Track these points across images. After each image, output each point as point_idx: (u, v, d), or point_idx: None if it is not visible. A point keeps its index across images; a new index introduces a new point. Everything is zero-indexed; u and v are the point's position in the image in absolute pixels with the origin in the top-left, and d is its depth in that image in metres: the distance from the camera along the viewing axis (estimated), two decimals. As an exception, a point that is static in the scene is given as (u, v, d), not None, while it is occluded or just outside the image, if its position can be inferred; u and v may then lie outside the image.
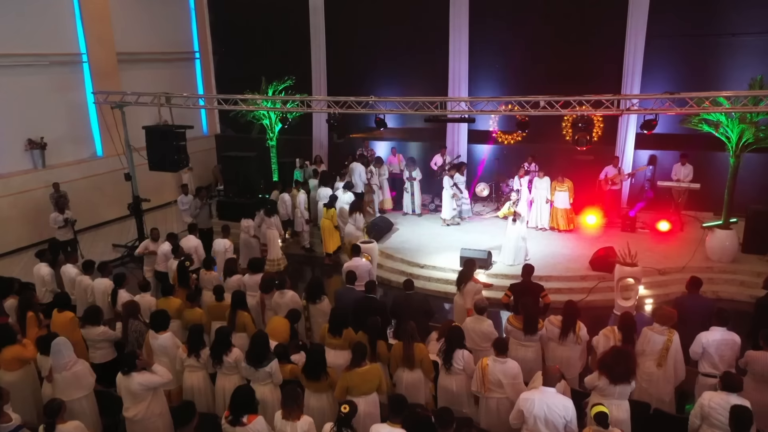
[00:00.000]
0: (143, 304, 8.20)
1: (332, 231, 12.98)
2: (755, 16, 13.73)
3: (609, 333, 6.93)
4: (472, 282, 8.51)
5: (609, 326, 7.09)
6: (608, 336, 6.92)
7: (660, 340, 6.77)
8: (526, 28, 15.60)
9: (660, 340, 6.77)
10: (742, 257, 11.58)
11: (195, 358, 6.65)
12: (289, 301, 8.13)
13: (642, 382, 6.73)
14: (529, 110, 9.57)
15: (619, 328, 6.88)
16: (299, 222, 13.89)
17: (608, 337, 6.91)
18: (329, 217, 12.91)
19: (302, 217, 13.78)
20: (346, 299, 8.02)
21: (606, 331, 6.98)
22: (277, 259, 12.80)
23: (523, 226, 11.81)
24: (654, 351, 6.78)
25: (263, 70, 15.78)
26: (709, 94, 8.85)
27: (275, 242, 12.75)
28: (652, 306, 10.64)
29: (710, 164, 14.12)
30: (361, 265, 9.48)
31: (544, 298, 8.10)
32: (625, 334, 6.80)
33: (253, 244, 12.61)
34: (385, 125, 11.28)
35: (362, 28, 17.20)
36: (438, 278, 11.61)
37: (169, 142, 12.55)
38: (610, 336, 6.90)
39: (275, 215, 12.85)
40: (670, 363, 6.75)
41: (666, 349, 6.75)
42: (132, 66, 17.40)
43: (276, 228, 12.71)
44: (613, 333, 6.89)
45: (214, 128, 20.87)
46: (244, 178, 15.31)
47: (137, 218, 13.81)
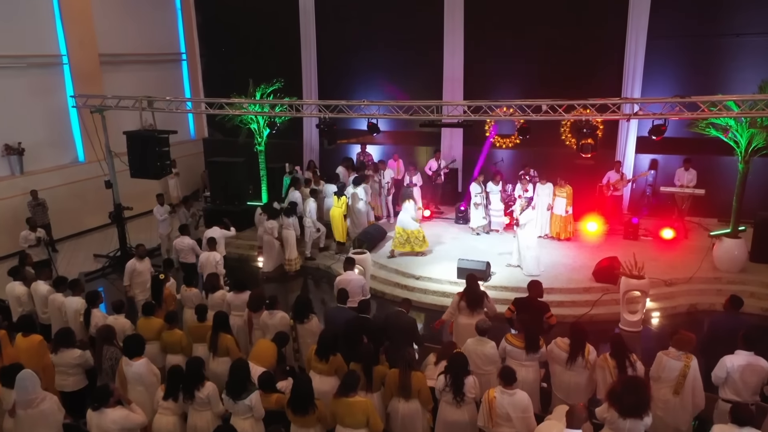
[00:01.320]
0: (117, 326, 7.59)
1: (342, 221, 12.97)
2: (760, 16, 13.29)
3: (603, 363, 6.39)
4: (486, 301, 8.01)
5: (602, 354, 6.52)
6: (603, 366, 6.38)
7: (676, 366, 6.25)
8: (522, 28, 15.08)
9: (676, 366, 6.25)
10: (751, 267, 11.10)
11: (173, 400, 6.02)
12: (278, 323, 7.57)
13: (657, 411, 6.20)
14: (530, 115, 9.04)
15: (611, 354, 6.34)
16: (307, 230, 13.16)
17: (603, 368, 6.38)
18: (339, 206, 12.88)
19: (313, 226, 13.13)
20: (336, 320, 7.45)
21: (600, 361, 6.43)
22: (294, 259, 12.69)
23: (525, 234, 11.30)
24: (670, 378, 6.26)
25: (252, 72, 15.18)
26: (723, 98, 8.36)
27: (292, 242, 12.58)
28: (658, 320, 10.16)
29: (714, 169, 13.67)
30: (354, 279, 8.92)
31: (549, 319, 7.58)
32: (618, 360, 6.27)
33: (276, 246, 12.49)
34: (378, 130, 10.75)
35: (354, 29, 16.67)
36: (434, 290, 11.06)
37: (151, 148, 11.98)
38: (604, 366, 6.36)
39: (293, 216, 12.61)
40: (687, 390, 6.23)
41: (683, 375, 6.23)
42: (116, 68, 16.80)
43: (293, 228, 12.51)
44: (606, 362, 6.35)
45: (202, 132, 20.27)
46: (232, 184, 14.69)
47: (119, 227, 13.21)
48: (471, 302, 7.91)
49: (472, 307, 7.91)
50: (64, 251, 14.44)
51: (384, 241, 13.23)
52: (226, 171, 14.81)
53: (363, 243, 12.26)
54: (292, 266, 12.69)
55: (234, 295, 8.22)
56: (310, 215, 12.88)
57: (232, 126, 14.45)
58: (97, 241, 15.03)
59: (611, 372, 6.25)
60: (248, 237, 14.31)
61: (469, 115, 10.01)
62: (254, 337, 7.92)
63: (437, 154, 15.07)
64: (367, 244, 12.20)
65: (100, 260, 13.64)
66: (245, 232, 14.49)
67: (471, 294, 7.98)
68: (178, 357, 7.40)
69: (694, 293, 10.64)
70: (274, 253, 12.56)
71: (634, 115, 8.51)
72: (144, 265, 9.99)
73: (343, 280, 8.92)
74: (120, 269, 13.04)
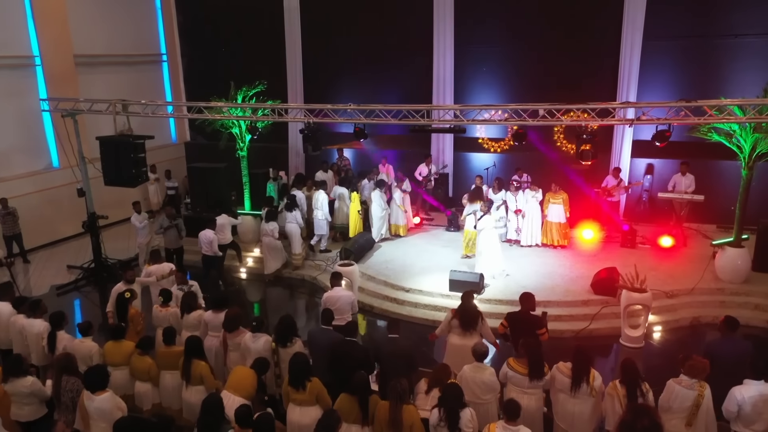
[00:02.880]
0: (83, 350, 7.00)
1: (358, 218, 13.06)
2: (758, 16, 12.89)
3: (612, 390, 5.86)
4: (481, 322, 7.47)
5: (612, 381, 5.99)
6: (612, 395, 5.86)
7: (689, 396, 5.74)
8: (513, 29, 14.65)
9: (689, 396, 5.74)
10: (754, 277, 10.65)
11: None
12: (262, 348, 6.95)
13: (669, 444, 5.72)
14: (527, 120, 8.52)
15: (622, 381, 5.82)
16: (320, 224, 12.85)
17: (612, 395, 5.86)
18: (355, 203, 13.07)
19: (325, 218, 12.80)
20: (320, 343, 6.88)
21: (609, 389, 5.90)
22: (299, 254, 12.59)
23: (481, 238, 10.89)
24: (682, 408, 5.75)
25: (236, 73, 14.57)
26: (732, 102, 7.90)
27: (297, 237, 12.45)
28: (660, 334, 9.69)
29: (711, 173, 13.29)
30: (342, 296, 8.33)
31: (541, 336, 7.08)
32: (629, 388, 5.74)
33: (278, 247, 12.25)
34: (365, 136, 10.20)
35: (341, 30, 16.11)
36: (426, 304, 10.51)
37: (126, 155, 11.34)
38: (614, 394, 5.84)
39: (295, 209, 12.42)
40: (701, 422, 5.73)
41: (696, 405, 5.73)
42: (92, 69, 16.11)
43: (296, 222, 12.34)
44: (616, 390, 5.83)
45: (184, 135, 19.59)
46: (213, 191, 14.06)
47: (93, 237, 12.56)
48: (464, 322, 7.39)
49: (465, 327, 7.39)
50: (36, 262, 13.75)
51: (372, 251, 12.68)
52: (207, 177, 14.18)
53: (350, 254, 11.70)
54: (298, 261, 12.59)
55: (212, 314, 7.55)
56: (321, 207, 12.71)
57: (212, 130, 13.84)
58: (73, 250, 14.31)
59: (621, 401, 5.74)
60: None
61: (461, 120, 9.48)
62: (230, 360, 7.32)
63: (428, 159, 14.54)
64: (354, 255, 11.64)
65: (73, 272, 12.95)
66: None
67: (465, 312, 7.46)
68: (146, 385, 6.83)
69: (697, 305, 10.19)
70: (276, 255, 12.32)
71: (637, 120, 8.02)
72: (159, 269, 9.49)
73: (331, 297, 8.35)
74: (94, 281, 12.52)
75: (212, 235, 11.39)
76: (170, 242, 12.13)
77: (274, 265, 12.38)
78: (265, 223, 12.12)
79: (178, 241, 12.14)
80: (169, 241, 12.14)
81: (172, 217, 11.92)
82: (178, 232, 11.99)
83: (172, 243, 12.12)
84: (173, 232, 11.96)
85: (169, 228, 11.85)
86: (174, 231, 11.95)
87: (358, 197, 13.14)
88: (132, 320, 7.93)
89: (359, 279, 10.76)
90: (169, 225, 11.84)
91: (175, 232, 11.97)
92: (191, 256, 12.55)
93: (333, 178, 14.34)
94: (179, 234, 12.03)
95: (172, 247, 12.16)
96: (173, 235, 12.01)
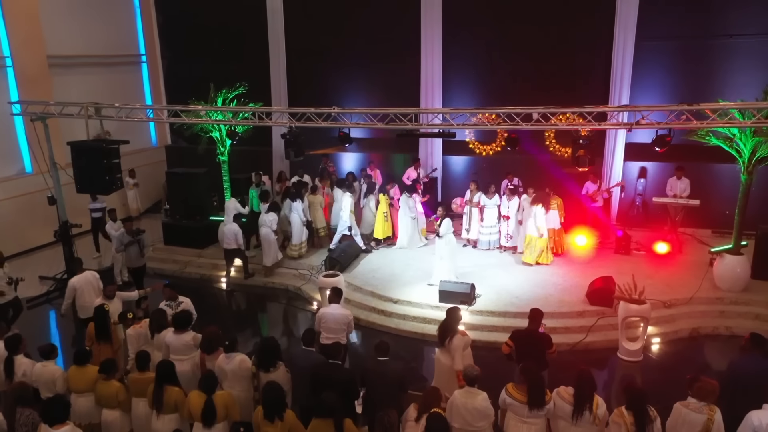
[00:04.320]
0: (45, 375, 6.47)
1: (383, 219, 12.92)
2: (753, 16, 12.60)
3: (618, 419, 5.36)
4: (459, 335, 6.99)
5: (617, 408, 5.54)
6: (619, 423, 5.38)
7: (699, 420, 5.34)
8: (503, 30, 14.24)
9: (699, 420, 5.34)
10: (753, 285, 10.29)
11: None
12: (237, 368, 6.45)
13: (676, 473, 5.31)
14: (520, 124, 8.09)
15: (628, 408, 5.35)
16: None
17: (619, 424, 5.38)
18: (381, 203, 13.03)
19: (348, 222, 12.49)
20: (302, 365, 6.38)
21: (615, 417, 5.41)
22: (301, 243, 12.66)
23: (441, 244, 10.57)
24: (691, 434, 5.35)
25: (218, 75, 14.01)
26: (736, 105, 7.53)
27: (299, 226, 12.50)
28: (659, 346, 9.30)
29: (706, 177, 12.96)
30: (338, 315, 7.75)
31: (551, 354, 6.66)
32: (636, 415, 5.26)
33: (272, 239, 12.05)
34: (350, 141, 9.73)
35: (326, 30, 15.62)
36: (414, 316, 10.05)
37: (99, 161, 10.76)
38: (620, 422, 5.37)
39: (298, 199, 12.38)
40: (711, 449, 5.34)
41: (706, 431, 5.33)
42: (67, 71, 15.50)
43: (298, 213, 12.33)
44: (622, 418, 5.35)
45: (165, 139, 19.00)
46: (192, 197, 13.51)
47: (66, 246, 11.97)
48: (439, 336, 6.99)
49: (439, 342, 6.98)
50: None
51: (358, 259, 12.21)
52: (187, 183, 13.61)
53: (336, 263, 11.23)
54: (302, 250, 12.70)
55: (174, 335, 6.94)
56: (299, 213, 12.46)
57: (191, 134, 13.29)
58: (46, 260, 13.71)
59: (628, 429, 5.29)
60: (211, 255, 13.17)
61: (450, 124, 9.04)
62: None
63: (416, 164, 14.09)
64: (340, 266, 11.17)
65: (46, 283, 12.36)
66: (208, 250, 13.38)
67: (440, 328, 7.04)
68: (115, 413, 6.30)
69: (696, 316, 9.82)
70: (274, 246, 12.18)
71: (636, 124, 7.62)
72: (114, 307, 8.19)
73: (325, 314, 7.81)
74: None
75: (237, 228, 11.50)
76: (131, 260, 10.85)
77: (271, 258, 12.18)
78: (264, 213, 11.92)
79: (140, 258, 10.90)
80: (130, 259, 10.88)
81: (132, 233, 10.73)
82: (140, 249, 10.78)
83: (134, 261, 10.85)
84: (135, 248, 10.71)
85: (131, 244, 10.66)
86: (135, 247, 10.71)
87: (385, 200, 12.89)
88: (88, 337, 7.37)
89: (345, 290, 10.26)
90: (131, 241, 10.64)
91: (136, 248, 10.72)
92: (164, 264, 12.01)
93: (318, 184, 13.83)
94: (141, 251, 10.83)
95: (133, 265, 10.89)
96: (134, 252, 10.74)
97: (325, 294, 9.49)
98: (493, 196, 12.28)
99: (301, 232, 12.57)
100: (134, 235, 10.70)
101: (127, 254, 10.82)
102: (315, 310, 10.69)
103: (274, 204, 12.48)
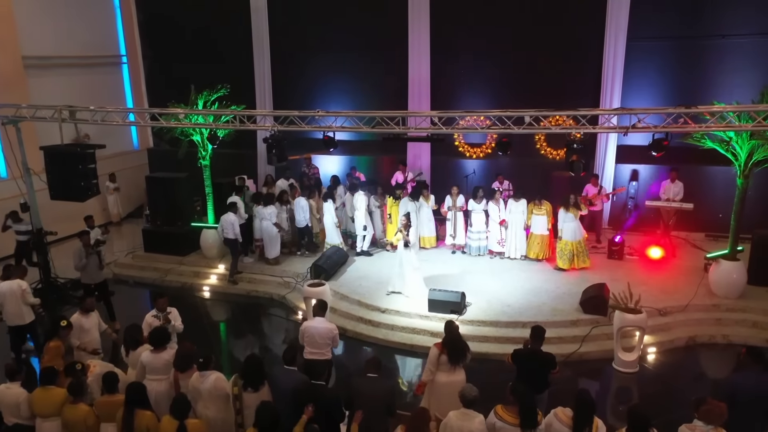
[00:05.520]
0: (9, 398, 6.05)
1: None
2: (746, 16, 12.36)
3: None
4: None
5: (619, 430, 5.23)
6: None
7: (706, 445, 5.04)
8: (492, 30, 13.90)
9: (706, 445, 5.04)
10: (750, 291, 10.03)
11: None
12: (212, 388, 6.05)
13: (682, 500, 5.00)
14: (512, 128, 7.77)
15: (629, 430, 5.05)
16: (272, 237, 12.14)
17: None
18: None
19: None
20: (283, 386, 5.98)
21: None
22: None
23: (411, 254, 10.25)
24: (698, 460, 5.04)
25: (201, 76, 13.53)
26: (736, 108, 7.25)
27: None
28: (655, 356, 9.02)
29: (699, 179, 12.72)
30: (322, 330, 7.32)
31: (555, 375, 6.40)
32: None
33: (273, 232, 11.96)
34: (335, 145, 9.36)
35: (311, 30, 15.24)
36: (403, 326, 9.68)
37: (73, 166, 10.33)
38: None
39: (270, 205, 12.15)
40: (719, 475, 5.03)
41: (713, 455, 5.03)
42: (44, 72, 14.97)
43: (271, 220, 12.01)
44: None
45: (147, 142, 18.50)
46: (173, 203, 13.06)
47: (41, 255, 11.50)
48: (453, 356, 6.57)
49: (454, 362, 6.58)
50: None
51: (345, 266, 11.85)
52: (167, 188, 13.15)
53: (321, 272, 10.85)
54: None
55: (151, 354, 6.52)
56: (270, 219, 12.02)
57: (171, 137, 12.84)
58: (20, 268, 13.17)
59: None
60: (193, 263, 12.75)
61: (439, 127, 8.70)
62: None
63: (403, 167, 13.74)
64: (325, 274, 10.79)
65: (20, 293, 11.84)
66: (190, 257, 12.95)
67: (453, 344, 6.64)
68: (83, 439, 5.89)
69: (692, 323, 9.54)
70: (271, 244, 12.10)
71: (632, 128, 7.32)
72: (91, 321, 7.74)
73: (308, 329, 7.37)
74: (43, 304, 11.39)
75: (234, 218, 11.47)
76: (90, 275, 9.91)
77: (275, 251, 12.11)
78: (263, 207, 11.89)
79: (99, 273, 10.08)
80: (88, 275, 9.92)
81: (89, 246, 9.85)
82: (99, 262, 9.97)
83: (93, 276, 9.95)
84: (94, 260, 9.87)
85: (90, 255, 9.82)
86: (95, 260, 9.88)
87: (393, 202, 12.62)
88: (47, 352, 6.90)
89: (331, 299, 9.91)
90: (91, 252, 9.82)
91: (95, 261, 9.89)
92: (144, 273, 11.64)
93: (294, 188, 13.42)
94: (100, 264, 10.02)
95: (93, 281, 9.96)
96: (93, 265, 9.88)
97: (309, 304, 9.13)
98: (481, 201, 11.94)
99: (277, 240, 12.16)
100: (91, 248, 9.90)
101: (87, 269, 9.91)
102: (300, 320, 10.33)
103: (270, 196, 12.35)
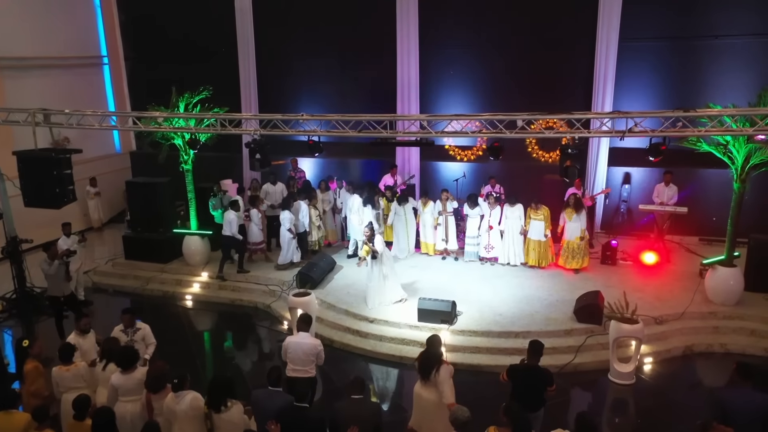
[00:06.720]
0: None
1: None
2: (739, 16, 12.15)
3: None
4: (444, 364, 6.29)
5: None
6: None
7: (711, 470, 4.76)
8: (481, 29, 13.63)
9: (711, 470, 4.76)
10: (746, 298, 9.78)
11: None
12: (188, 408, 5.69)
13: None
14: (503, 132, 7.47)
15: None
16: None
17: None
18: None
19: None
20: (266, 408, 5.65)
21: None
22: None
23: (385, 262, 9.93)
24: (704, 485, 4.77)
25: (185, 78, 13.11)
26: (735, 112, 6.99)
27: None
28: (651, 366, 8.75)
29: (693, 182, 12.49)
30: (305, 346, 6.94)
31: (552, 392, 6.13)
32: None
33: (287, 238, 11.64)
34: (320, 149, 9.03)
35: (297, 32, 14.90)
36: (392, 337, 9.34)
37: (48, 171, 9.91)
38: None
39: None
40: (726, 502, 4.76)
41: (720, 481, 4.76)
42: (21, 74, 14.49)
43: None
44: None
45: (129, 145, 18.05)
46: (154, 208, 12.65)
47: (15, 264, 11.07)
48: (421, 369, 6.25)
49: (422, 376, 6.24)
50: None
51: (333, 273, 11.51)
52: (148, 193, 12.74)
53: (307, 280, 10.50)
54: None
55: (121, 375, 6.12)
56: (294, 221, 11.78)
57: (152, 141, 12.42)
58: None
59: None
60: (175, 270, 12.36)
61: (428, 131, 8.39)
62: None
63: (393, 170, 13.42)
64: (312, 282, 10.45)
65: (-9, 303, 11.43)
66: (171, 264, 12.55)
67: (423, 359, 6.32)
68: (48, 467, 5.52)
69: (689, 332, 9.28)
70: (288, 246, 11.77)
71: (629, 132, 7.05)
72: (89, 342, 7.26)
73: (290, 344, 6.98)
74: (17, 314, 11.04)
75: (233, 216, 11.38)
76: (56, 287, 9.52)
77: (287, 258, 11.79)
78: (281, 212, 11.70)
79: (67, 285, 9.68)
80: (55, 287, 9.52)
81: (53, 257, 9.37)
82: (65, 273, 9.54)
83: (59, 288, 9.54)
84: (61, 271, 9.46)
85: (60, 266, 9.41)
86: (62, 270, 9.47)
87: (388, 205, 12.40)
88: (26, 376, 6.52)
89: (317, 308, 9.56)
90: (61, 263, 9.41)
91: (63, 271, 9.48)
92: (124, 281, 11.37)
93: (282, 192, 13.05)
94: (66, 275, 9.58)
95: (60, 294, 9.55)
96: (60, 276, 9.46)
97: (295, 314, 8.76)
98: (475, 207, 11.64)
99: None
100: (55, 259, 9.38)
101: (54, 281, 9.48)
102: (285, 330, 9.99)
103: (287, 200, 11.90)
